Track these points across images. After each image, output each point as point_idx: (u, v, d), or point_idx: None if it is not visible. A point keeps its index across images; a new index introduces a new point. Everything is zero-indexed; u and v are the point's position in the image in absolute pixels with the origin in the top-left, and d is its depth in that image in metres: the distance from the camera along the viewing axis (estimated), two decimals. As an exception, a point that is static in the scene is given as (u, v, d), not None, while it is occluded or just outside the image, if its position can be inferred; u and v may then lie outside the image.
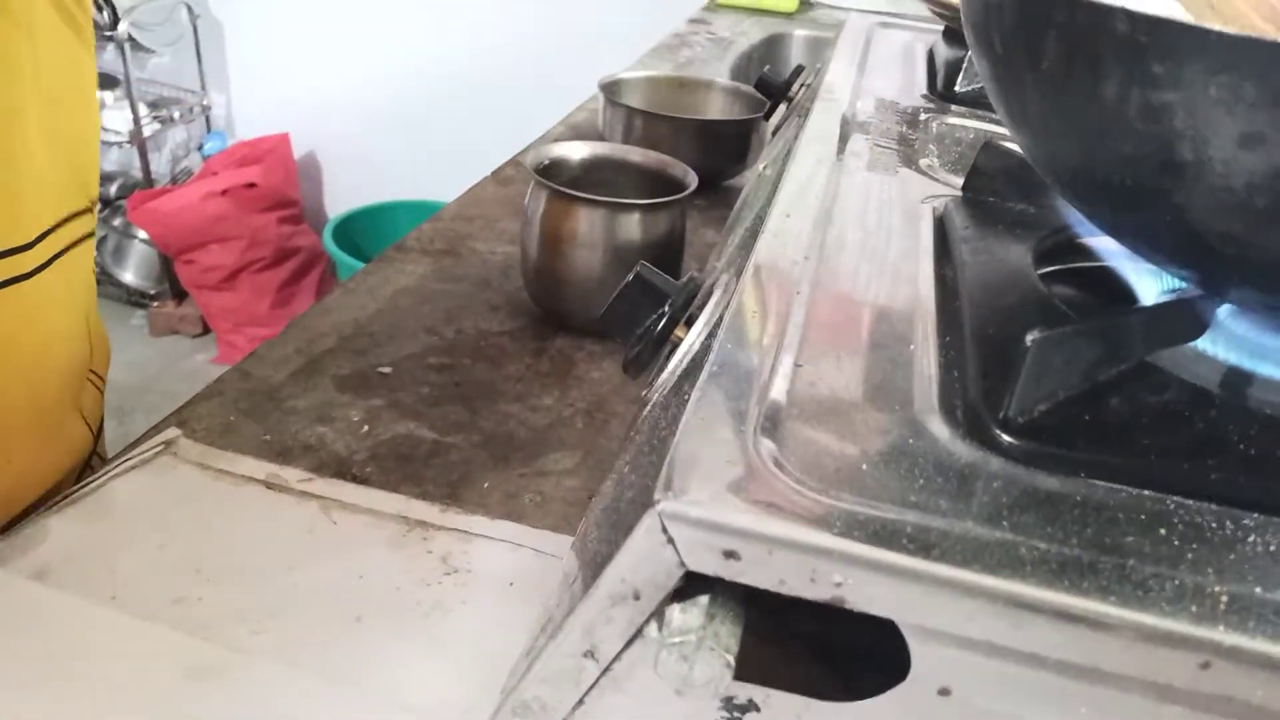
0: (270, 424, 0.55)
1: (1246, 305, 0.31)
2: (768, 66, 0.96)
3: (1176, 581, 0.23)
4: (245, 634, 0.41)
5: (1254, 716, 0.22)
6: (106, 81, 2.36)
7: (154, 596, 0.42)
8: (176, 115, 2.40)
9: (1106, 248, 0.37)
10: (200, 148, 2.45)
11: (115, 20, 2.14)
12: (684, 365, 0.38)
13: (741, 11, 1.70)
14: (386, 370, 0.61)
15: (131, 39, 2.18)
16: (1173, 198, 0.26)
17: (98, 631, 0.40)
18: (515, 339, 0.66)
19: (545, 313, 0.68)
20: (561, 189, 0.63)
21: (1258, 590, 0.23)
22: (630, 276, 0.39)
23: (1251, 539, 0.25)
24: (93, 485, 0.48)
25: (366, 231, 2.36)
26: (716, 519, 0.23)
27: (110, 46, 2.20)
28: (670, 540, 0.23)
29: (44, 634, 0.40)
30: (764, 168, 0.64)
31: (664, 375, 0.39)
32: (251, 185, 2.25)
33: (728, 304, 0.36)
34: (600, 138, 0.94)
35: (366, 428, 0.55)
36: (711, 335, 0.34)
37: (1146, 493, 0.26)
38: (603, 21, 2.08)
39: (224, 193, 2.20)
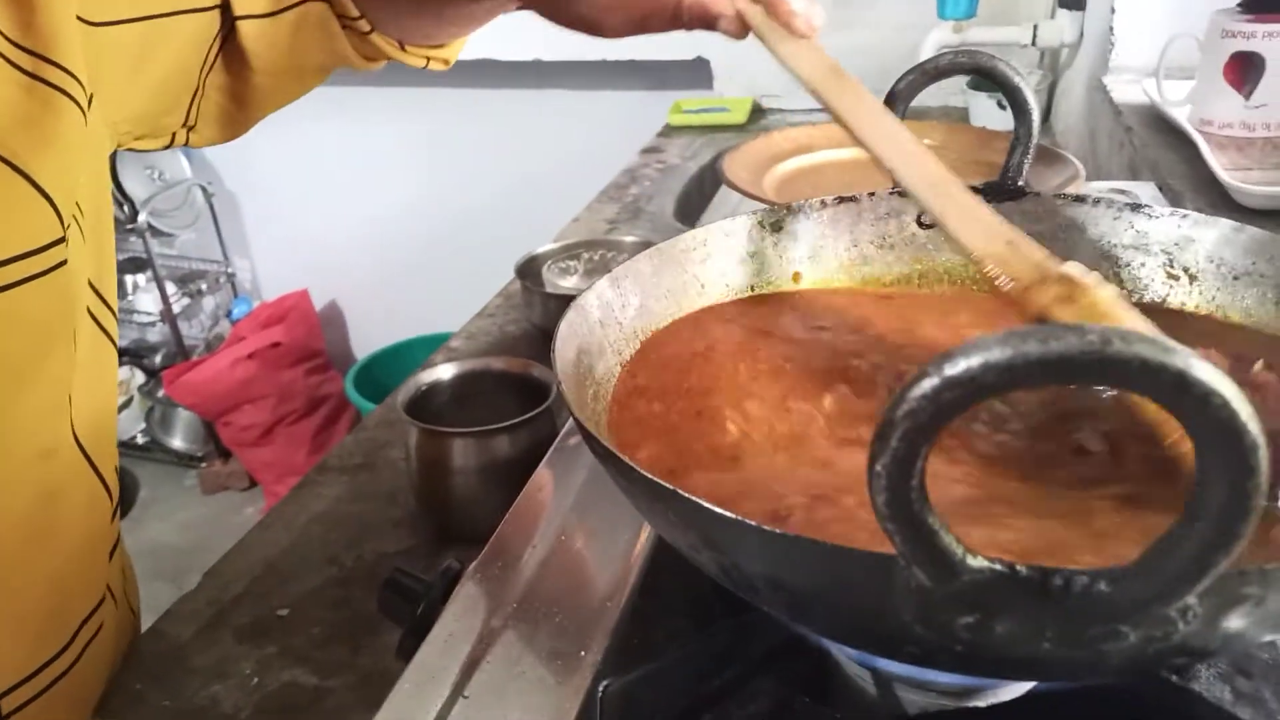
0: (172, 688, 0.61)
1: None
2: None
3: None
4: None
5: None
6: (137, 265, 2.53)
7: None
8: (204, 287, 2.56)
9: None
10: (229, 314, 2.60)
11: (134, 213, 2.30)
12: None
13: (694, 131, 1.76)
14: (284, 613, 0.67)
15: (151, 226, 2.35)
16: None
17: None
18: (410, 558, 0.71)
19: (436, 529, 0.73)
20: (429, 427, 0.69)
21: None
22: (384, 581, 0.44)
23: None
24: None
25: (389, 371, 2.47)
26: None
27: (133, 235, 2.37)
28: None
29: None
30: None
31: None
32: (276, 344, 2.38)
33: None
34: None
35: (256, 679, 0.61)
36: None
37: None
38: (579, 153, 2.19)
39: (250, 356, 2.33)
